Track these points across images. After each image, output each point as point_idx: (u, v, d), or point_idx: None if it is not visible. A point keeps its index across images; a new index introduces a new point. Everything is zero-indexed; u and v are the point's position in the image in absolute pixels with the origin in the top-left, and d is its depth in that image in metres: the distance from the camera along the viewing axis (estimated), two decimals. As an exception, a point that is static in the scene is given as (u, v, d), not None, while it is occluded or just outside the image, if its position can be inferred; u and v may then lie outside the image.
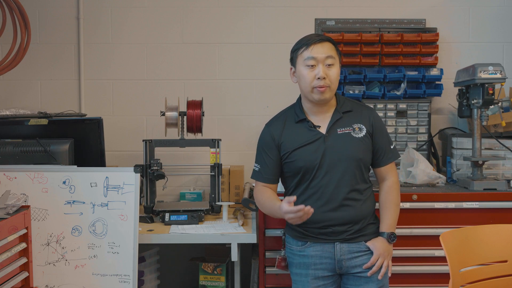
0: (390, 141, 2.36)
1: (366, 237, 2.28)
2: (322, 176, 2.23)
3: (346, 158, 2.23)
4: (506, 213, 2.69)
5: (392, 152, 2.34)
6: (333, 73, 2.22)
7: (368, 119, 2.30)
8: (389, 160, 2.33)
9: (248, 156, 3.52)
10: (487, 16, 3.52)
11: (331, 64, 2.22)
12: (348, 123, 2.28)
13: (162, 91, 3.49)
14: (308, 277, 2.28)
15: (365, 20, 3.49)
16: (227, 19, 3.53)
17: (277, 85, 3.51)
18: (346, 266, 2.26)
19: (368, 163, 2.31)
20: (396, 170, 2.37)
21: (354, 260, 2.26)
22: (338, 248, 2.25)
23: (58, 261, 2.55)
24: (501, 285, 2.18)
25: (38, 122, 2.92)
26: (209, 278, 3.09)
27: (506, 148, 2.96)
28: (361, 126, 2.28)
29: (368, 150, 2.28)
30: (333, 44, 2.27)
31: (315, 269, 2.27)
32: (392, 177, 2.34)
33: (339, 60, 2.28)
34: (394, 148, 2.37)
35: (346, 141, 2.24)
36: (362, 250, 2.26)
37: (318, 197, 2.24)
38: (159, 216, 2.89)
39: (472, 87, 2.86)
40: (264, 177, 2.36)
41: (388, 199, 2.32)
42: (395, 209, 2.32)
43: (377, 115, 2.36)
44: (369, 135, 2.28)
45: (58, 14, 3.53)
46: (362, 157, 2.26)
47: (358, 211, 2.25)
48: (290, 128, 2.31)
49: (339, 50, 2.31)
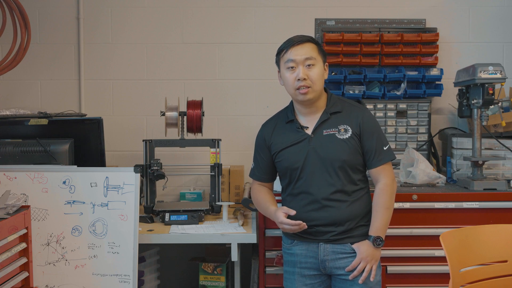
0: (383, 142, 2.27)
1: (353, 239, 2.23)
2: (307, 177, 2.25)
3: (329, 159, 2.22)
4: (506, 213, 2.69)
5: (384, 154, 2.25)
6: (314, 73, 2.22)
7: (356, 120, 2.25)
8: (380, 162, 2.24)
9: (248, 156, 3.49)
10: (487, 16, 3.52)
11: (311, 65, 2.23)
12: (335, 124, 2.26)
13: (162, 91, 3.49)
14: (295, 275, 2.31)
15: (365, 20, 3.49)
16: (227, 19, 3.53)
17: (277, 85, 3.44)
18: (329, 266, 2.25)
19: (356, 164, 2.25)
20: (390, 171, 2.27)
21: (338, 261, 2.23)
22: (322, 248, 2.25)
23: (58, 261, 2.55)
24: (501, 285, 2.18)
25: (38, 122, 2.92)
26: (209, 278, 3.09)
27: (506, 148, 2.96)
28: (346, 127, 2.24)
29: (354, 152, 2.23)
30: (314, 43, 2.27)
31: (301, 267, 2.30)
32: (384, 179, 2.25)
33: (322, 59, 2.27)
34: (389, 149, 2.27)
35: (330, 142, 2.23)
36: (346, 252, 2.23)
37: (303, 197, 2.27)
38: (159, 216, 2.89)
39: (472, 87, 2.86)
40: (257, 175, 2.44)
41: (378, 202, 2.24)
42: (384, 213, 2.23)
43: (369, 116, 2.29)
44: (355, 136, 2.23)
45: (58, 14, 3.53)
46: (346, 158, 2.21)
47: (343, 212, 2.22)
48: (280, 129, 2.35)
49: (322, 48, 2.30)
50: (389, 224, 2.26)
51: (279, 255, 2.70)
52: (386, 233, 2.24)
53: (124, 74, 3.55)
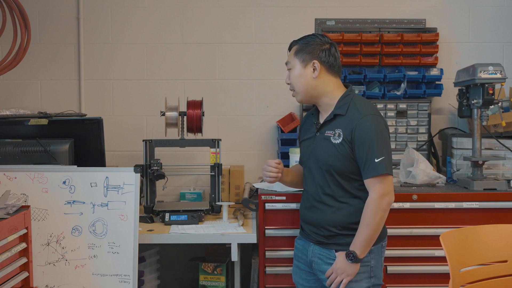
0: (376, 153, 2.09)
1: (338, 246, 2.19)
2: (307, 174, 2.31)
3: (321, 162, 2.21)
4: (506, 213, 2.69)
5: (374, 166, 2.09)
6: (291, 77, 2.27)
7: (351, 126, 2.13)
8: (368, 175, 2.11)
9: (248, 156, 3.53)
10: (487, 16, 3.52)
11: (289, 69, 2.29)
12: (334, 127, 2.20)
13: (162, 91, 3.49)
14: (295, 267, 2.39)
15: (365, 20, 3.49)
16: (227, 19, 3.53)
17: (277, 85, 3.51)
18: (315, 268, 2.26)
19: (346, 171, 2.16)
20: (379, 186, 2.10)
21: (323, 265, 2.23)
22: (311, 248, 2.28)
23: (58, 261, 2.55)
24: (501, 285, 2.18)
25: (38, 122, 2.92)
26: (209, 278, 3.09)
27: (506, 148, 2.96)
28: (340, 132, 2.16)
29: (343, 158, 2.15)
30: (295, 45, 2.28)
31: (298, 261, 2.37)
32: (371, 193, 2.12)
33: (299, 60, 2.23)
34: (381, 162, 2.09)
35: (324, 145, 2.22)
36: (331, 258, 2.21)
37: (303, 193, 2.37)
38: (159, 216, 2.89)
39: (472, 87, 2.86)
40: (300, 159, 2.48)
41: (362, 217, 2.13)
42: (364, 229, 2.10)
43: (367, 124, 2.12)
44: (346, 143, 2.14)
45: (58, 14, 3.53)
46: (332, 163, 2.16)
47: (328, 216, 2.20)
48: (308, 120, 2.39)
49: (305, 48, 2.23)
50: (372, 242, 2.13)
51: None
52: (370, 246, 2.14)
53: (124, 74, 3.55)
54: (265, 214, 2.72)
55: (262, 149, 3.52)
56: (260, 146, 3.53)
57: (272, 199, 2.70)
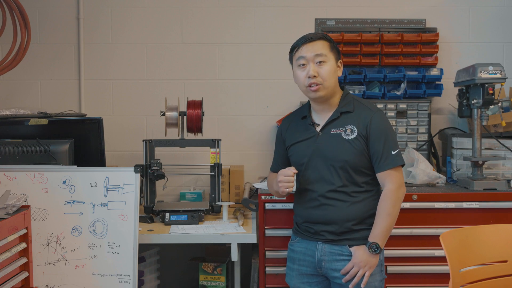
0: (392, 146, 2.20)
1: (352, 241, 2.21)
2: (310, 174, 2.28)
3: (332, 159, 2.22)
4: (506, 213, 2.69)
5: (391, 158, 2.19)
6: (324, 70, 2.21)
7: (365, 122, 2.21)
8: (386, 167, 2.19)
9: (248, 156, 3.53)
10: (487, 16, 3.52)
11: (322, 61, 2.21)
12: (342, 124, 2.24)
13: (162, 91, 3.49)
14: (294, 272, 2.34)
15: (365, 20, 3.49)
16: (227, 19, 3.53)
17: (277, 85, 3.51)
18: (325, 267, 2.24)
19: (360, 166, 2.21)
20: (396, 177, 2.20)
21: (335, 263, 2.22)
22: (319, 247, 2.25)
23: (58, 261, 2.55)
24: (501, 285, 2.18)
25: (38, 122, 2.92)
26: (209, 278, 3.09)
27: (506, 148, 2.96)
28: (353, 128, 2.21)
29: (359, 153, 2.20)
30: (327, 40, 2.26)
31: (299, 265, 2.32)
32: (389, 184, 2.20)
33: (334, 56, 2.25)
34: (398, 154, 2.20)
35: (335, 142, 2.22)
36: (344, 254, 2.22)
37: (305, 194, 2.30)
38: (159, 216, 2.89)
39: (472, 87, 2.86)
40: (274, 167, 2.48)
41: (380, 208, 2.20)
42: (385, 219, 2.17)
43: (380, 119, 2.22)
44: (361, 138, 2.20)
45: (58, 14, 3.53)
46: (348, 159, 2.19)
47: (342, 212, 2.21)
48: (295, 124, 2.37)
49: (335, 45, 2.28)
50: (391, 231, 2.21)
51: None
52: (388, 236, 2.21)
53: (124, 74, 3.55)
54: (265, 214, 2.72)
55: (262, 149, 3.52)
56: (260, 146, 3.53)
57: (272, 199, 2.70)
